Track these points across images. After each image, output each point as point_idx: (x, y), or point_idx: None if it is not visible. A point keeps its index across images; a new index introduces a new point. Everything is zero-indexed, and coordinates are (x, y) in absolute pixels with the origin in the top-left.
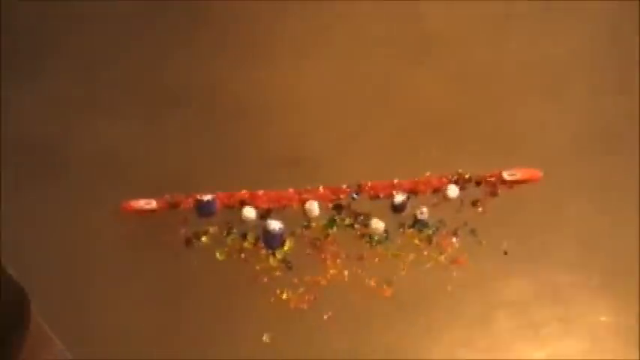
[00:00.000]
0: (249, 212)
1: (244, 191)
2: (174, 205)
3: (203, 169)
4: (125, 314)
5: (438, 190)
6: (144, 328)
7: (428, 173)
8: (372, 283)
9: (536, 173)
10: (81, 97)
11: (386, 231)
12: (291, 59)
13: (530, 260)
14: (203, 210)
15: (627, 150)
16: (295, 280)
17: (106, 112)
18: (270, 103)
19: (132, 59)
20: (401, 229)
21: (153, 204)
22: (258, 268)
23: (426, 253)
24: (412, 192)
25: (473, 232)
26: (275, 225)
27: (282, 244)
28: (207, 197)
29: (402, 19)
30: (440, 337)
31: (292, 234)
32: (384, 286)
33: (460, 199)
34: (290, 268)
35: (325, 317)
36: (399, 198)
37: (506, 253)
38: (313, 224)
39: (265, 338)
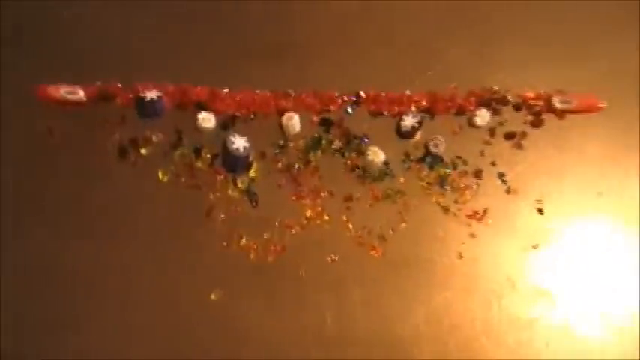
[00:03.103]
0: (207, 120)
1: (202, 87)
2: (107, 98)
3: (151, 50)
4: (30, 242)
5: (462, 113)
6: (57, 265)
7: (452, 85)
8: (360, 236)
9: (598, 102)
10: None
11: (386, 164)
12: None
13: (573, 226)
14: (146, 110)
15: None
16: (260, 222)
17: None
18: None
19: None
20: (406, 164)
21: (79, 94)
22: (212, 197)
23: (434, 199)
24: (428, 111)
25: (501, 177)
26: (239, 143)
27: (248, 169)
28: (151, 94)
29: None
30: (438, 316)
31: (262, 156)
32: (375, 243)
33: (490, 129)
34: (255, 203)
35: (294, 276)
36: (410, 120)
37: (541, 212)
38: (291, 145)
39: (214, 296)
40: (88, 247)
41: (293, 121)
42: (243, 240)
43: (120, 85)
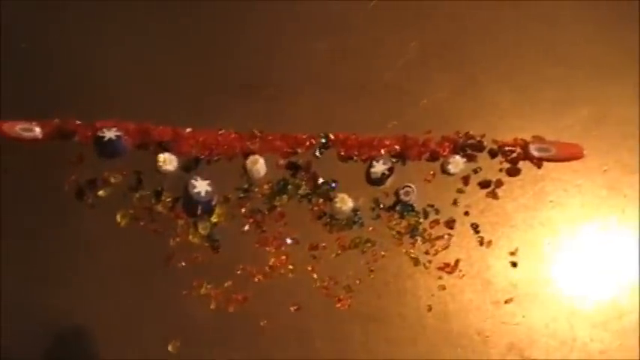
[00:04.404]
0: (168, 162)
1: (165, 127)
2: (65, 135)
3: (112, 86)
4: None
5: (435, 159)
6: (9, 308)
7: (426, 130)
8: (326, 286)
9: (578, 151)
10: None
11: (355, 211)
12: None
13: (549, 282)
14: (104, 150)
15: None
16: (221, 269)
17: None
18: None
19: None
20: (375, 211)
21: (35, 131)
22: (172, 243)
23: (404, 249)
24: (400, 156)
25: (475, 227)
26: (202, 187)
27: (210, 214)
28: (110, 134)
29: None
30: None
31: (225, 200)
32: (342, 294)
33: (464, 176)
34: (216, 249)
35: (255, 327)
36: (380, 167)
37: (515, 265)
38: (256, 189)
39: (171, 348)
40: (41, 290)
41: (258, 165)
42: (204, 288)
43: (79, 122)
